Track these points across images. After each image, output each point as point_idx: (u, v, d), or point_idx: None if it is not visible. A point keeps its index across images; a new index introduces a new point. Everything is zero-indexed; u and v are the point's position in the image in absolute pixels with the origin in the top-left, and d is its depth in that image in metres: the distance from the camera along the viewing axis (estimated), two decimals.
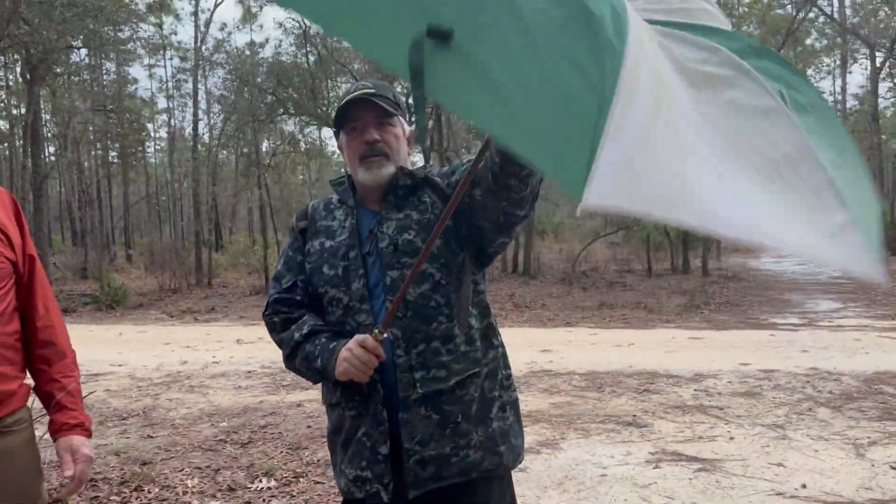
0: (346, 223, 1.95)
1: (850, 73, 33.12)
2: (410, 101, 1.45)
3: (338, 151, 2.20)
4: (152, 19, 24.61)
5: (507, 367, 1.99)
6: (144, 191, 34.26)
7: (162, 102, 34.76)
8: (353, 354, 1.74)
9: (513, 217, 1.76)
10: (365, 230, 1.93)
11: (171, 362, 8.53)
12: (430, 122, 20.61)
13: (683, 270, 20.04)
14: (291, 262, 2.03)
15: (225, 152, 28.65)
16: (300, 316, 1.96)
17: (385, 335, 1.72)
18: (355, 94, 1.92)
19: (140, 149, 32.33)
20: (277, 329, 1.99)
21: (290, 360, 1.96)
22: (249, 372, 7.84)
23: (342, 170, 2.25)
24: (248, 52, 22.41)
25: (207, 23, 24.63)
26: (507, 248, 1.98)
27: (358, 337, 1.75)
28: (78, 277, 20.77)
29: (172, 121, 30.79)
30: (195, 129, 22.57)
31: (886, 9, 28.59)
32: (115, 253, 28.49)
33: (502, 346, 1.97)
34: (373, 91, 1.93)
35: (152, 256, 20.21)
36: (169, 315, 14.24)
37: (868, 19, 30.14)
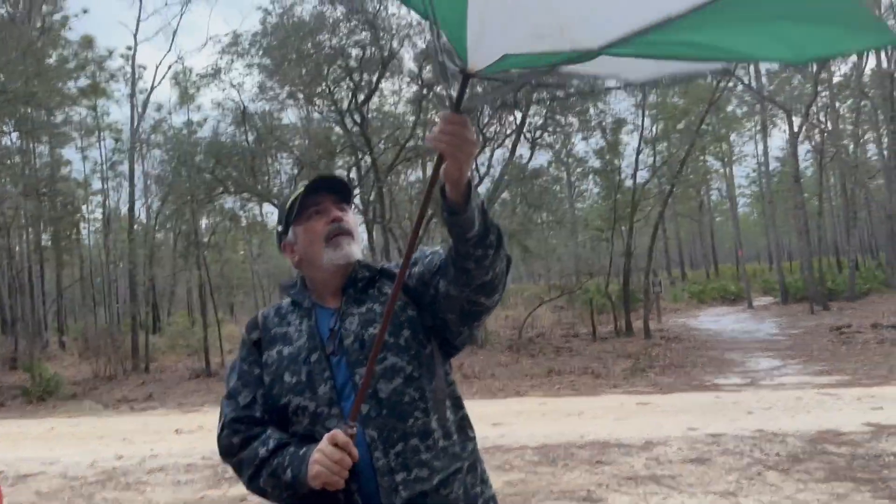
0: (304, 326, 1.85)
1: (771, 136, 34.91)
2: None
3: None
4: (86, 102, 24.39)
5: (482, 459, 1.90)
6: (78, 274, 33.24)
7: (97, 184, 34.17)
8: (324, 454, 1.60)
9: (478, 306, 1.72)
10: (325, 330, 1.82)
11: (107, 457, 8.12)
12: (372, 195, 20.75)
13: (627, 332, 20.31)
14: (247, 376, 1.87)
15: (162, 233, 28.17)
16: (261, 433, 1.79)
17: (355, 428, 1.61)
18: (310, 182, 1.89)
19: (74, 231, 31.52)
20: (235, 450, 1.80)
21: (253, 481, 1.77)
22: (189, 465, 7.51)
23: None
24: (185, 132, 22.34)
25: (144, 104, 24.55)
26: (473, 340, 1.94)
27: (328, 434, 1.62)
28: (7, 368, 19.81)
29: (108, 202, 30.19)
30: (131, 210, 22.18)
31: (799, 77, 30.38)
32: (48, 340, 27.36)
33: (475, 437, 1.89)
34: (329, 176, 1.93)
35: (86, 342, 19.47)
36: (104, 405, 13.64)
37: (783, 87, 31.98)
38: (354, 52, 18.69)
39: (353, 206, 2.02)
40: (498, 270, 1.67)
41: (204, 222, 25.48)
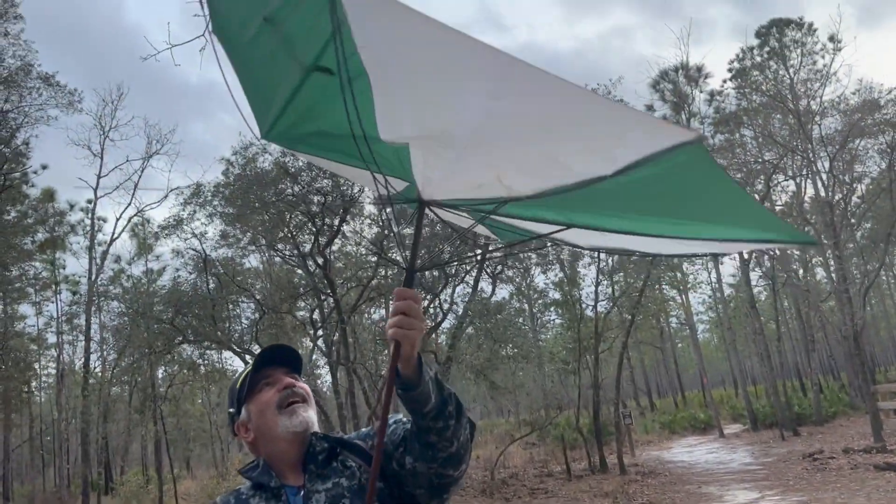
0: None
1: (723, 263, 36.06)
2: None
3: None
4: (44, 256, 24.24)
5: None
6: (28, 433, 31.64)
7: (51, 338, 33.30)
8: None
9: (445, 478, 1.68)
10: None
11: None
12: (336, 336, 20.54)
13: (601, 468, 19.81)
14: None
15: (118, 388, 27.27)
16: None
17: None
18: (257, 358, 1.86)
19: (25, 389, 30.33)
20: None
21: None
22: None
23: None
24: (144, 282, 22.18)
25: (103, 256, 24.45)
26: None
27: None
28: None
29: (62, 356, 29.34)
30: (86, 364, 21.56)
31: None
32: None
33: None
34: (277, 346, 1.90)
35: None
36: None
37: None
38: (316, 198, 19.10)
39: (304, 376, 1.99)
40: (462, 440, 1.65)
41: (161, 372, 24.79)
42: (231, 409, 1.90)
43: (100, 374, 24.57)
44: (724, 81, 27.19)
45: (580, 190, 1.60)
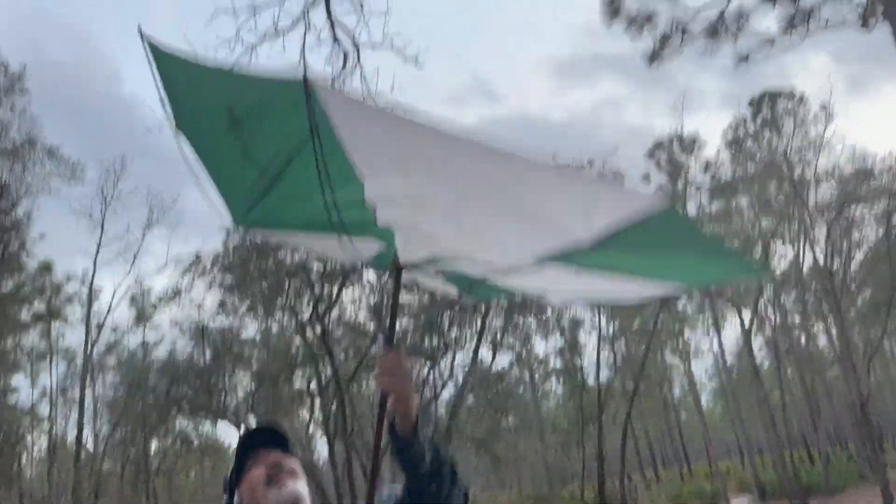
0: None
1: (724, 331, 35.95)
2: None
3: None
4: (39, 327, 24.07)
5: None
6: None
7: (45, 410, 32.73)
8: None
9: None
10: None
11: None
12: (333, 406, 20.20)
13: None
14: None
15: (109, 462, 26.64)
16: None
17: None
18: (245, 440, 1.87)
19: (15, 464, 29.63)
20: None
21: None
22: None
23: None
24: (140, 354, 21.95)
25: (100, 326, 24.26)
26: None
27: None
28: None
29: (55, 429, 28.76)
30: (79, 437, 21.08)
31: None
32: None
33: None
34: (264, 427, 1.91)
35: None
36: None
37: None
38: (316, 266, 19.11)
39: (300, 450, 1.98)
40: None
41: (154, 445, 24.29)
42: (225, 498, 1.88)
43: (92, 447, 24.05)
44: (720, 151, 27.59)
45: (555, 259, 1.75)
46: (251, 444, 1.86)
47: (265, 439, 1.87)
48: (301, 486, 1.79)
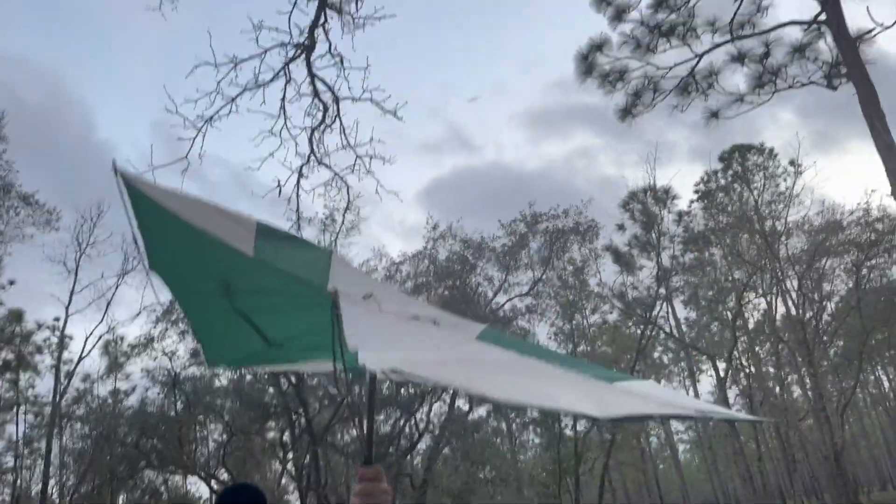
0: None
1: (699, 382, 36.12)
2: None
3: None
4: (8, 376, 23.53)
5: None
6: None
7: (9, 460, 31.74)
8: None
9: None
10: None
11: None
12: (307, 458, 19.85)
13: None
14: None
15: None
16: None
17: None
18: (229, 499, 1.89)
19: None
20: None
21: None
22: None
23: None
24: (110, 402, 21.51)
25: (70, 374, 23.77)
26: None
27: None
28: None
29: (19, 481, 27.85)
30: (44, 490, 20.46)
31: (716, 325, 32.12)
32: None
33: None
34: (244, 487, 1.94)
35: None
36: None
37: (702, 334, 33.60)
38: None
39: None
40: None
41: (122, 499, 23.58)
42: None
43: (57, 500, 23.30)
44: (692, 203, 28.10)
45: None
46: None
47: (244, 501, 1.89)
48: None
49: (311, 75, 7.20)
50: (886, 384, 46.29)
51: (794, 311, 26.18)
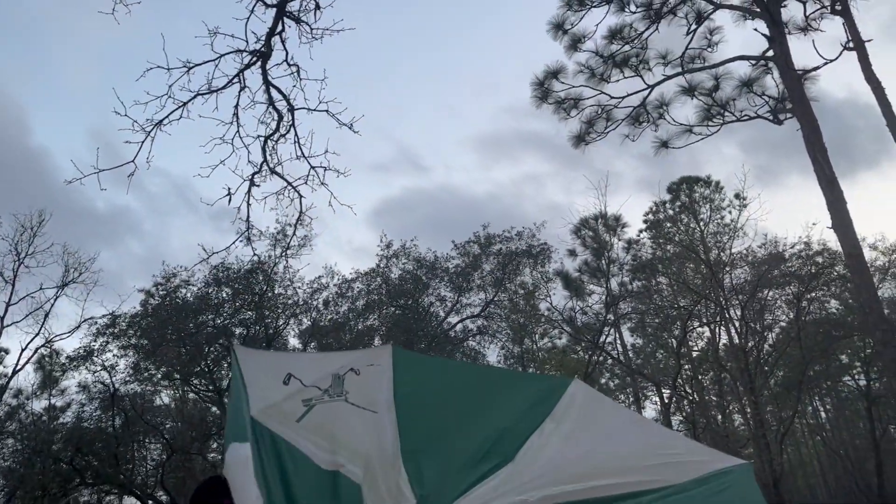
0: None
1: (645, 408, 36.56)
2: None
3: None
4: None
5: None
6: None
7: None
8: None
9: None
10: None
11: None
12: None
13: None
14: None
15: None
16: None
17: None
18: (200, 486, 1.89)
19: None
20: None
21: None
22: None
23: None
24: (45, 419, 20.72)
25: (2, 389, 22.83)
26: None
27: None
28: None
29: None
30: None
31: (662, 352, 32.67)
32: None
33: None
34: (217, 476, 1.94)
35: None
36: None
37: (648, 361, 34.10)
38: (238, 330, 18.65)
39: None
40: None
41: None
42: None
43: None
44: (641, 231, 28.65)
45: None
46: (207, 499, 1.88)
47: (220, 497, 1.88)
48: None
49: (267, 83, 7.14)
50: (823, 415, 47.52)
51: (736, 340, 26.79)
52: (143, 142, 6.87)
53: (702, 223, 27.82)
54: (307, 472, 1.69)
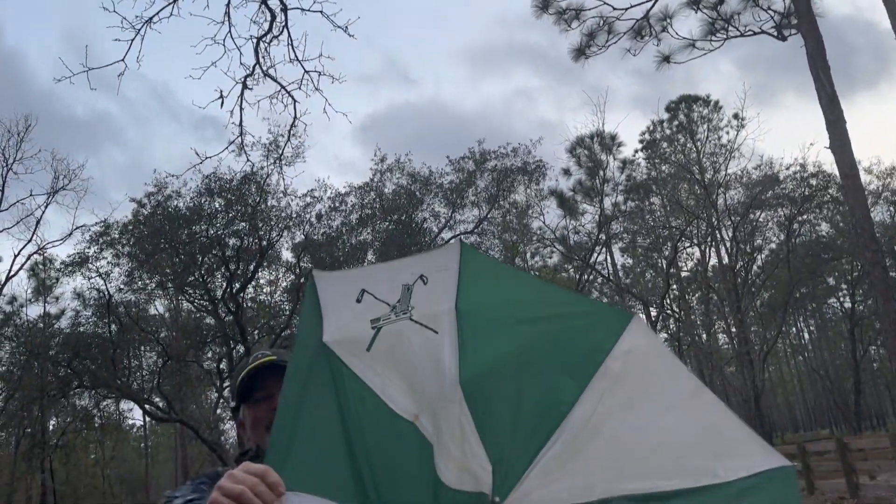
0: None
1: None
2: None
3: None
4: None
5: None
6: None
7: None
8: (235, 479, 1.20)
9: None
10: None
11: None
12: None
13: None
14: (207, 493, 1.64)
15: (3, 434, 25.29)
16: None
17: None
18: (257, 363, 1.85)
19: None
20: None
21: None
22: None
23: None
24: (41, 325, 20.95)
25: None
26: None
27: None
28: None
29: None
30: None
31: (651, 272, 32.99)
32: None
33: None
34: (275, 358, 1.86)
35: None
36: None
37: (638, 280, 34.51)
38: (232, 241, 18.67)
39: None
40: None
41: (52, 423, 23.21)
42: (233, 403, 1.94)
43: None
44: (636, 151, 28.45)
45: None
46: (271, 373, 1.83)
47: (273, 373, 1.82)
48: None
49: None
50: (807, 336, 48.64)
51: (726, 261, 27.05)
52: (132, 40, 6.70)
53: (698, 143, 27.61)
54: (382, 418, 1.49)
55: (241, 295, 19.85)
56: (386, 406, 1.49)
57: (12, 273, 23.26)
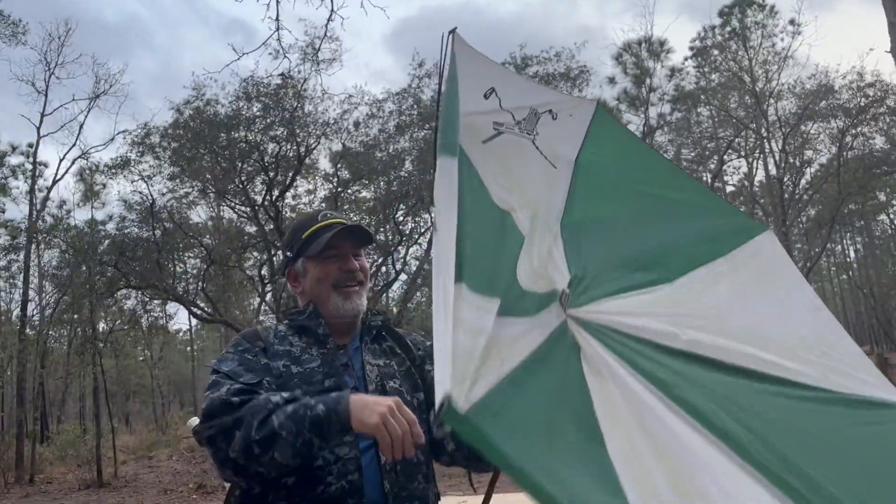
0: (314, 351, 1.75)
1: None
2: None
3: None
4: None
5: None
6: None
7: None
8: (395, 409, 1.45)
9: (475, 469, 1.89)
10: (336, 364, 1.75)
11: None
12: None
13: None
14: (253, 364, 1.68)
15: (55, 334, 26.40)
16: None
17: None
18: (330, 221, 1.84)
19: None
20: (234, 408, 1.51)
21: (262, 427, 1.46)
22: None
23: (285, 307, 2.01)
24: (87, 230, 21.46)
25: (44, 199, 23.54)
26: None
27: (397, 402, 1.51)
28: None
29: None
30: (24, 308, 20.79)
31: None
32: None
33: None
34: (347, 223, 1.85)
35: None
36: None
37: None
38: (270, 147, 18.66)
39: (367, 250, 2.09)
40: None
41: (101, 325, 24.06)
42: (288, 253, 1.90)
43: (37, 322, 23.75)
44: (685, 59, 27.34)
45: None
46: (347, 235, 1.83)
47: (347, 235, 1.83)
48: (363, 301, 1.85)
49: None
50: (852, 254, 47.61)
51: (773, 173, 26.29)
52: None
53: (751, 50, 26.42)
54: (482, 203, 1.47)
55: (281, 202, 19.98)
56: (488, 194, 1.47)
57: (59, 177, 23.75)
